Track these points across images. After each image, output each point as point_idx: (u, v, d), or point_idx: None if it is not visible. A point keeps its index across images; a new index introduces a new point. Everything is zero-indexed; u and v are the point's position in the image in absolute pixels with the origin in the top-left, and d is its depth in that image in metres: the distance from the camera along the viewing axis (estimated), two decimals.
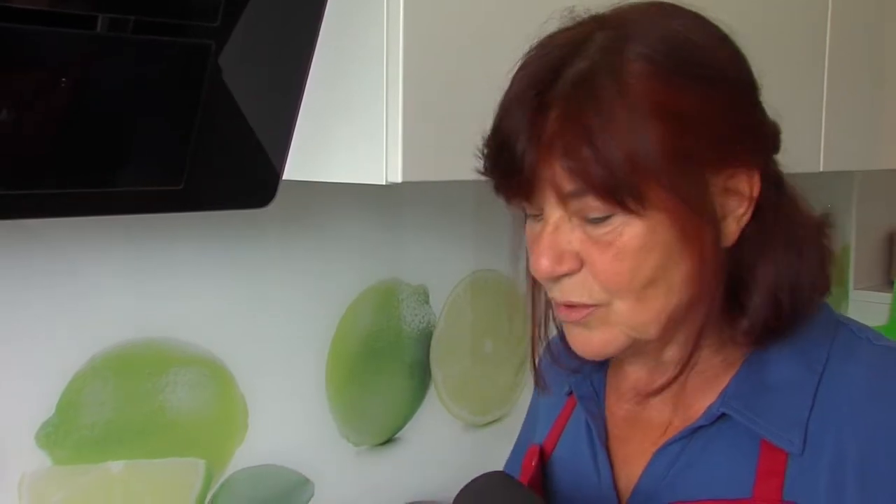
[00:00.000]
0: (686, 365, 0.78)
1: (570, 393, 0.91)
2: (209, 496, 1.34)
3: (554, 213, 0.76)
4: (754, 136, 0.78)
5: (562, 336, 0.85)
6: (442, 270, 1.62)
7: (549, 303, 0.84)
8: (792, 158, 0.83)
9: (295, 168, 1.10)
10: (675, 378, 0.79)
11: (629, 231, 0.74)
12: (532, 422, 1.01)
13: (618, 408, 0.88)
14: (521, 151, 0.75)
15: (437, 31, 1.05)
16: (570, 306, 0.77)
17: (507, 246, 0.86)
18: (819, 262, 0.81)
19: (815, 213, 0.83)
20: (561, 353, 0.87)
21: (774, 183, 0.79)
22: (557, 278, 0.76)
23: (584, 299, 0.76)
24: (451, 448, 1.65)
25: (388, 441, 1.56)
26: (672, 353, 0.82)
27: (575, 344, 0.80)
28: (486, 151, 0.79)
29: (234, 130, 1.05)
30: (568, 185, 0.73)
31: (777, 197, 0.79)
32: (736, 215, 0.77)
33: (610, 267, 0.75)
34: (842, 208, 2.27)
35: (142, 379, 1.27)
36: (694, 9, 0.79)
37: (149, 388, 1.28)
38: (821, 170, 1.51)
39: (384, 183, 1.05)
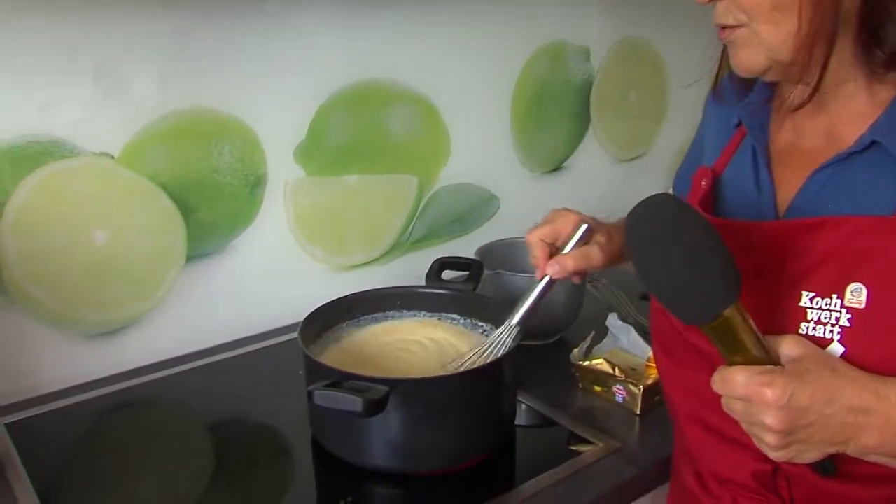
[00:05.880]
0: (817, 86, 0.82)
1: (738, 125, 0.95)
2: (421, 205, 1.56)
3: None
4: None
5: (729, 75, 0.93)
6: (600, 34, 1.75)
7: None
8: None
9: None
10: (811, 96, 0.83)
11: None
12: (699, 149, 1.06)
13: (779, 138, 0.92)
14: None
15: None
16: (723, 28, 0.85)
17: (652, 17, 1.00)
18: None
19: None
20: (727, 87, 0.97)
21: None
22: (713, 4, 0.84)
23: (730, 21, 0.83)
24: (602, 176, 1.86)
25: (556, 169, 1.78)
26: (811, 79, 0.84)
27: (732, 61, 0.87)
28: None
29: None
30: None
31: None
32: None
33: None
34: None
35: (369, 110, 1.46)
36: None
37: (375, 118, 1.47)
38: None
39: None
